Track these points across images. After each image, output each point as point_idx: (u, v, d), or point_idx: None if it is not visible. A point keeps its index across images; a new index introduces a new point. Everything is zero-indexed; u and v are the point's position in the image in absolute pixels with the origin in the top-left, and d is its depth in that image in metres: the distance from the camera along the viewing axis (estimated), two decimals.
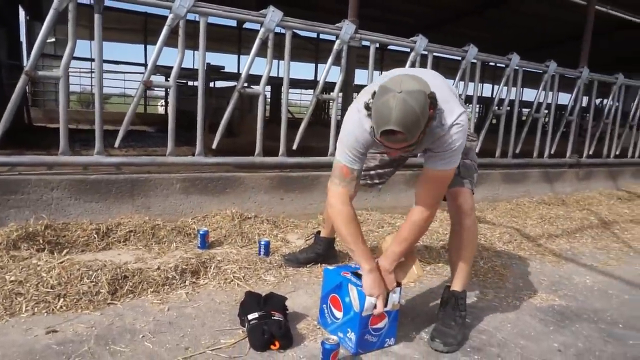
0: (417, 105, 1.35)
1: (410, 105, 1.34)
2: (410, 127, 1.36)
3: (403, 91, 1.35)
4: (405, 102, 1.34)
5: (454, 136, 1.54)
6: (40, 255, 2.03)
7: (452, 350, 1.66)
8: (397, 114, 1.34)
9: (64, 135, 2.53)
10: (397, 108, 1.34)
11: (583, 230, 3.49)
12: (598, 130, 5.11)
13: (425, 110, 1.39)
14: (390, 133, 1.37)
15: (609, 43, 9.43)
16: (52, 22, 2.38)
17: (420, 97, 1.36)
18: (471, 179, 1.85)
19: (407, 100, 1.34)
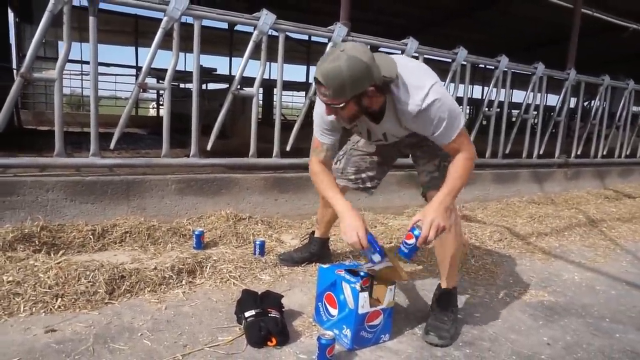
0: (347, 68, 1.41)
1: (339, 65, 1.41)
2: (331, 83, 1.43)
3: (345, 51, 1.42)
4: (337, 60, 1.41)
5: (432, 111, 1.55)
6: (37, 256, 2.04)
7: (446, 344, 1.70)
8: (325, 67, 1.43)
9: (59, 137, 2.53)
10: (327, 61, 1.43)
11: (571, 228, 3.56)
12: (585, 131, 5.21)
13: (357, 78, 1.42)
14: (317, 84, 1.47)
15: (596, 45, 9.59)
16: (47, 25, 2.39)
17: (355, 64, 1.41)
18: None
19: (340, 59, 1.41)
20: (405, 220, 3.48)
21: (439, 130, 1.61)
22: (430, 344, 1.70)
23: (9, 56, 7.12)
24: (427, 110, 1.56)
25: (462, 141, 1.65)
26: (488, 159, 4.35)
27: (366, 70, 1.44)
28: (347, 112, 1.55)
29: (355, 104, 1.52)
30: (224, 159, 3.07)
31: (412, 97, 1.55)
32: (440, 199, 1.62)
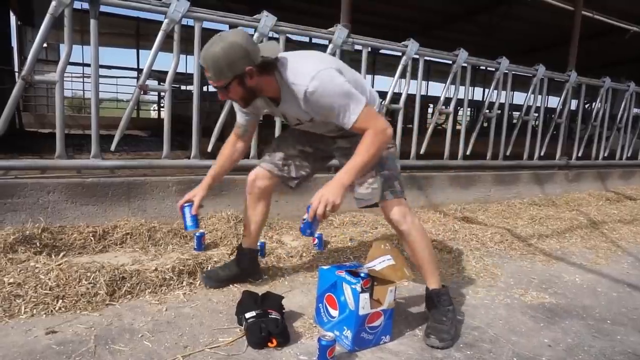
0: (222, 50, 1.55)
1: (215, 48, 1.56)
2: (210, 65, 1.58)
3: (222, 36, 1.58)
4: (214, 45, 1.57)
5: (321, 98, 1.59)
6: (38, 257, 2.04)
7: (447, 346, 1.70)
8: (205, 51, 1.59)
9: (60, 139, 2.54)
10: (206, 47, 1.59)
11: (573, 230, 3.56)
12: (587, 133, 5.21)
13: (232, 59, 1.56)
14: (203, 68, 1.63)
15: (597, 47, 9.60)
16: (48, 27, 2.40)
17: (230, 46, 1.56)
18: (392, 188, 1.84)
19: (217, 43, 1.56)
20: None
21: (337, 114, 1.63)
22: (431, 347, 1.69)
23: (10, 59, 7.15)
24: (315, 94, 1.59)
25: (368, 120, 1.64)
26: (489, 161, 4.35)
27: (241, 51, 1.56)
28: (234, 93, 1.66)
29: (238, 85, 1.63)
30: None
31: (299, 80, 1.61)
32: (339, 176, 1.64)
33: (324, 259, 2.53)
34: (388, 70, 13.54)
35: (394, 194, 1.84)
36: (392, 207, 1.83)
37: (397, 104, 3.67)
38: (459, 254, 2.78)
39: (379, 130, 1.64)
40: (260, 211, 2.10)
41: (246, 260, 2.14)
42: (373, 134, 1.64)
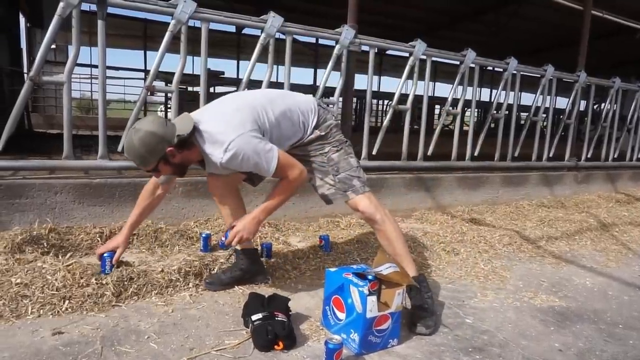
0: (139, 141, 1.71)
1: (132, 141, 1.73)
2: (133, 156, 1.75)
3: (136, 128, 1.74)
4: (130, 139, 1.73)
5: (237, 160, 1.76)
6: (45, 258, 2.05)
7: (433, 332, 1.81)
8: (125, 145, 1.79)
9: (67, 140, 2.55)
10: (125, 140, 1.79)
11: (582, 232, 3.51)
12: (596, 134, 5.15)
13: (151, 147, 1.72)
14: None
15: (607, 47, 9.51)
16: (56, 28, 2.41)
17: (145, 136, 1.71)
18: (352, 187, 1.96)
19: (132, 136, 1.73)
20: (413, 223, 3.46)
21: (255, 169, 1.84)
22: (419, 334, 1.77)
23: (20, 60, 7.21)
24: (230, 162, 1.76)
25: (282, 170, 1.82)
26: (497, 162, 4.31)
27: (156, 138, 1.71)
28: (164, 170, 1.83)
29: (165, 164, 1.79)
30: None
31: (214, 152, 1.77)
32: (256, 213, 1.86)
33: (330, 260, 2.51)
34: (395, 71, 13.49)
35: (356, 192, 1.96)
36: (359, 203, 1.95)
37: (404, 104, 3.65)
38: (467, 256, 2.75)
39: (292, 179, 1.85)
40: (231, 207, 2.10)
41: (246, 260, 2.13)
42: (287, 182, 1.86)
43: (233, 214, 2.09)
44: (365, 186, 1.99)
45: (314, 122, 1.97)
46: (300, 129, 1.95)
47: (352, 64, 3.35)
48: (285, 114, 1.90)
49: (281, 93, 2.07)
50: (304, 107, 1.96)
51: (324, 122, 1.99)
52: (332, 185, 1.98)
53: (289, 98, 2.00)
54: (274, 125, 1.86)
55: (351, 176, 1.96)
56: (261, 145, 1.77)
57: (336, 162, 1.97)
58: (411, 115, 3.71)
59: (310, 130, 1.96)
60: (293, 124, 1.92)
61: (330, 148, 1.98)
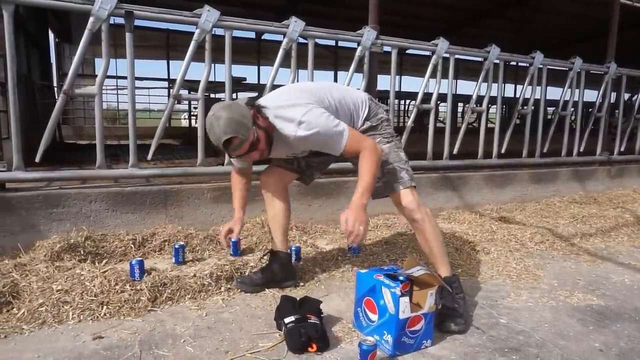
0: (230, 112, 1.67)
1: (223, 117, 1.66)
2: (236, 129, 1.66)
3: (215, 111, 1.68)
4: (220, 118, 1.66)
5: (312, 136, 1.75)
6: (83, 265, 2.11)
7: (462, 330, 1.77)
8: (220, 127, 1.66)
9: (100, 150, 2.62)
10: (216, 125, 1.66)
11: (618, 228, 3.40)
12: (629, 127, 4.98)
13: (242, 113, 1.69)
14: (226, 144, 1.68)
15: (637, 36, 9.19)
16: (87, 43, 2.49)
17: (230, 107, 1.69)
18: (400, 180, 1.94)
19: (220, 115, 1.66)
20: (441, 222, 3.42)
21: (327, 147, 1.82)
22: (447, 332, 1.75)
23: (49, 74, 7.47)
24: (303, 135, 1.74)
25: (354, 143, 1.79)
26: (525, 159, 4.22)
27: (237, 104, 1.72)
28: (262, 140, 1.76)
29: (258, 129, 1.75)
30: (258, 166, 3.09)
31: (287, 125, 1.76)
32: (357, 202, 1.74)
33: (359, 262, 2.51)
34: (415, 70, 13.37)
35: (403, 184, 1.94)
36: (404, 197, 1.92)
37: (427, 103, 3.61)
38: (498, 256, 2.70)
39: (370, 150, 1.80)
40: (279, 208, 2.14)
41: (279, 263, 2.14)
42: (368, 155, 1.79)
43: (278, 217, 2.15)
44: (412, 180, 1.96)
45: (365, 114, 1.98)
46: (353, 118, 1.97)
47: (375, 65, 3.34)
48: (341, 102, 1.92)
49: (334, 85, 2.10)
50: (355, 98, 1.99)
51: (375, 115, 2.01)
52: (379, 179, 1.92)
53: (343, 89, 2.04)
54: (333, 110, 1.87)
55: (400, 168, 1.95)
56: (331, 119, 1.78)
57: (386, 153, 1.95)
58: (435, 114, 3.67)
59: (362, 122, 1.98)
60: (346, 113, 1.93)
61: (382, 139, 1.98)
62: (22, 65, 4.01)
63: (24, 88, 3.83)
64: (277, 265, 2.14)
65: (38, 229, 2.44)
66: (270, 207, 2.17)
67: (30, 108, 4.36)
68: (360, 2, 3.47)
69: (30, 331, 1.68)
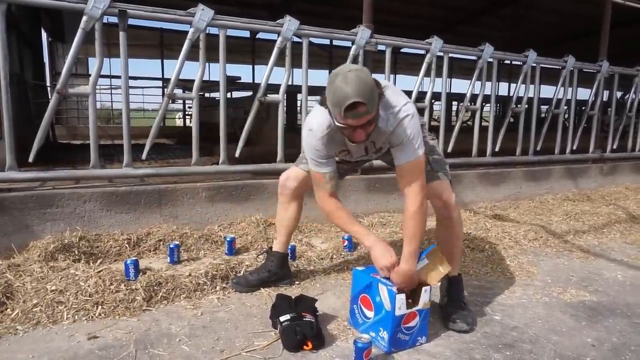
0: (367, 77, 1.50)
1: (362, 77, 1.48)
2: (369, 97, 1.47)
3: (351, 70, 1.49)
4: (358, 77, 1.47)
5: (405, 124, 1.65)
6: (77, 265, 2.11)
7: (472, 329, 1.79)
8: (354, 88, 1.45)
9: (94, 150, 2.61)
10: (352, 83, 1.46)
11: (611, 225, 3.43)
12: (621, 124, 5.02)
13: (374, 85, 1.51)
14: (353, 108, 1.47)
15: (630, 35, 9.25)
16: (80, 42, 2.48)
17: (367, 73, 1.52)
18: (445, 171, 1.91)
19: (359, 75, 1.48)
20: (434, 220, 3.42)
21: (404, 144, 1.67)
22: (459, 332, 1.77)
23: (43, 74, 7.42)
24: (400, 124, 1.65)
25: (416, 168, 1.68)
26: (518, 157, 4.24)
27: (369, 75, 1.54)
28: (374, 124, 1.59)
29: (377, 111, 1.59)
30: (252, 165, 3.11)
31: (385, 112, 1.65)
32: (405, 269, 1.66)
33: (354, 260, 2.52)
34: (409, 69, 13.40)
35: (447, 175, 1.90)
36: (446, 189, 1.86)
37: (422, 102, 3.63)
38: (492, 253, 2.72)
39: (424, 199, 1.69)
40: (292, 213, 2.12)
41: (276, 263, 2.14)
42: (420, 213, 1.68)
43: (289, 221, 2.13)
44: (450, 176, 1.93)
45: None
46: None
47: (369, 64, 3.34)
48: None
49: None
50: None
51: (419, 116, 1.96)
52: (427, 163, 1.82)
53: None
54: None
55: (445, 162, 1.94)
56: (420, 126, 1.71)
57: (431, 145, 1.92)
58: (429, 112, 3.68)
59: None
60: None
61: (427, 134, 1.96)
62: (14, 65, 3.98)
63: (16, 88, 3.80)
64: (273, 264, 2.14)
65: (32, 229, 2.42)
66: (284, 209, 2.13)
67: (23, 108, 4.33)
68: (355, 1, 3.47)
69: (25, 332, 1.68)
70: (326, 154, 1.76)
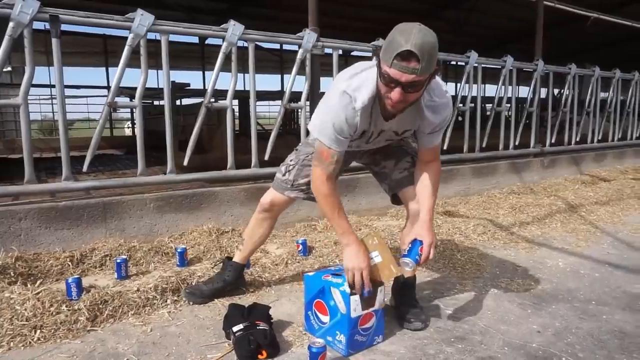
0: (435, 39, 1.40)
1: (430, 34, 1.39)
2: (426, 54, 1.37)
3: (418, 26, 1.40)
4: (426, 32, 1.38)
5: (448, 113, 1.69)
6: (13, 288, 1.96)
7: (426, 327, 1.81)
8: (417, 39, 1.36)
9: (28, 164, 2.46)
10: (417, 35, 1.36)
11: (552, 215, 3.62)
12: (558, 120, 5.32)
13: (436, 49, 1.41)
14: (404, 59, 1.37)
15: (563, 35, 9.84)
16: (7, 50, 2.32)
17: (435, 38, 1.41)
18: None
19: (427, 31, 1.39)
20: (388, 220, 3.49)
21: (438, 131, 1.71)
22: (415, 330, 1.78)
23: None
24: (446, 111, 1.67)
25: (438, 147, 1.78)
26: (466, 154, 4.40)
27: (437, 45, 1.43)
28: (421, 92, 1.50)
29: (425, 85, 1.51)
30: (202, 174, 3.03)
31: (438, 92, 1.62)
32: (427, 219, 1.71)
33: (309, 265, 2.51)
34: None
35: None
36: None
37: None
38: (444, 249, 2.79)
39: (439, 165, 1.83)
40: (266, 230, 2.04)
41: (233, 274, 2.08)
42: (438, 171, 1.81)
43: (260, 237, 2.04)
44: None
45: None
46: None
47: (316, 67, 3.36)
48: None
49: None
50: None
51: None
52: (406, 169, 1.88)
53: None
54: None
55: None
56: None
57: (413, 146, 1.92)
58: None
59: None
60: None
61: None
62: None
63: None
64: (230, 274, 2.07)
65: None
66: (259, 225, 2.03)
67: None
68: (303, 5, 3.47)
69: None
70: (348, 131, 1.60)
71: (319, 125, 1.66)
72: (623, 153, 6.33)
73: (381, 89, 1.49)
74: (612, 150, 6.15)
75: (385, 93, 1.49)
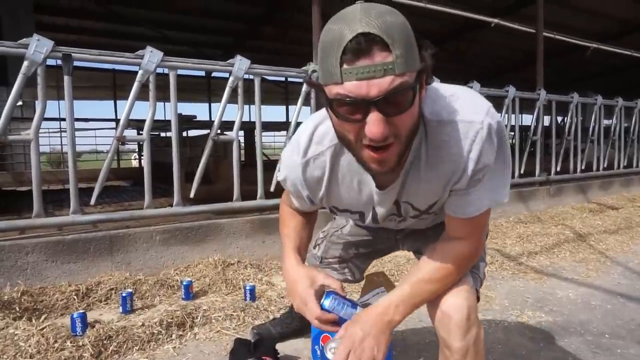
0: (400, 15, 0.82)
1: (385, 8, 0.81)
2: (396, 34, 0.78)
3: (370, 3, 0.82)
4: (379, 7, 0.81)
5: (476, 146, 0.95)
6: (18, 323, 1.95)
7: None
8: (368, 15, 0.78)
9: (37, 197, 2.49)
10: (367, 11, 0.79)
11: (560, 245, 3.58)
12: (562, 147, 5.34)
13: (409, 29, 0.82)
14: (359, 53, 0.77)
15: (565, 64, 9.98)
16: (21, 87, 2.39)
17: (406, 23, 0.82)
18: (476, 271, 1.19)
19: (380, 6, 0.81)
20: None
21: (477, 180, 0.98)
22: None
23: None
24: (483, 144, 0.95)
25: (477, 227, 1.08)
26: None
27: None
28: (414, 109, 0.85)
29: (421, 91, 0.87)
30: (208, 205, 3.04)
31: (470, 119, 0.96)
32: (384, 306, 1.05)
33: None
34: None
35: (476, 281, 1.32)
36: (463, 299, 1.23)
37: None
38: None
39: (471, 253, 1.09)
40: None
41: (299, 322, 1.92)
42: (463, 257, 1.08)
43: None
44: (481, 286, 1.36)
45: None
46: None
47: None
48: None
49: None
50: None
51: None
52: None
53: None
54: None
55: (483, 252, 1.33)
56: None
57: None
58: None
59: None
60: None
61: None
62: None
63: None
64: (299, 323, 1.92)
65: None
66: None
67: None
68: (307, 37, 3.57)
69: None
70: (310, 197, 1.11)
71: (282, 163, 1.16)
72: (630, 180, 6.31)
73: (344, 133, 0.87)
74: (618, 178, 6.12)
75: (353, 138, 0.86)
